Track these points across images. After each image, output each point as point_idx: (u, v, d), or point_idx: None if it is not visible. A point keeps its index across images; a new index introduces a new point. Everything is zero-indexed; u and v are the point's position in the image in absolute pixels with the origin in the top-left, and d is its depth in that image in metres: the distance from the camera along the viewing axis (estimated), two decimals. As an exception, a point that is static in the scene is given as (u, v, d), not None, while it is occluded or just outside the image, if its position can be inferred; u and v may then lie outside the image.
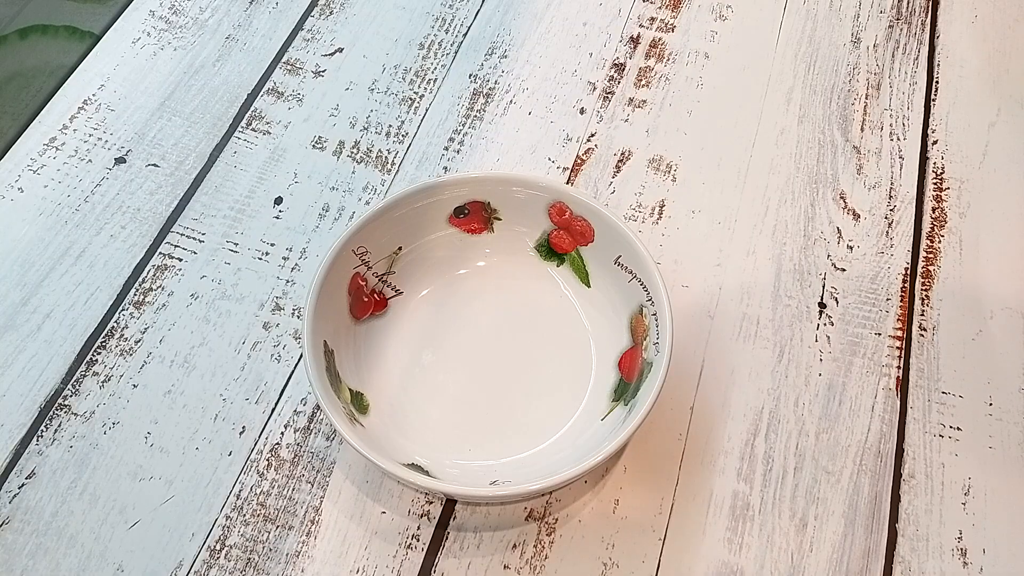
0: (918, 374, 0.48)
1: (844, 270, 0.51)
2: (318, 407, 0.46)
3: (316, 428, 0.46)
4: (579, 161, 0.55)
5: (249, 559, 0.43)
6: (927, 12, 0.62)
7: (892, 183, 0.54)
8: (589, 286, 0.48)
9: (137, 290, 0.50)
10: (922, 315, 0.50)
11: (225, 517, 0.44)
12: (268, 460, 0.45)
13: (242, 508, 0.44)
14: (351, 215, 0.53)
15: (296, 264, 0.51)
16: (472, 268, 0.49)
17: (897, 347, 0.49)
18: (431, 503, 0.44)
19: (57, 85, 0.58)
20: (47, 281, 0.50)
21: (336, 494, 0.44)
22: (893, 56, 0.60)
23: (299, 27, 0.61)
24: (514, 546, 0.43)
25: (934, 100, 0.58)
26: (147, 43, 0.60)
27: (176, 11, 0.61)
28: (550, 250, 0.49)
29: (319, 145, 0.56)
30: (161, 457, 0.45)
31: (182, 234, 0.52)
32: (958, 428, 0.46)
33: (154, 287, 0.50)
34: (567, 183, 0.54)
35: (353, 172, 0.55)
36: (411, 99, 0.58)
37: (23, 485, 0.44)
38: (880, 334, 0.49)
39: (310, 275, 0.51)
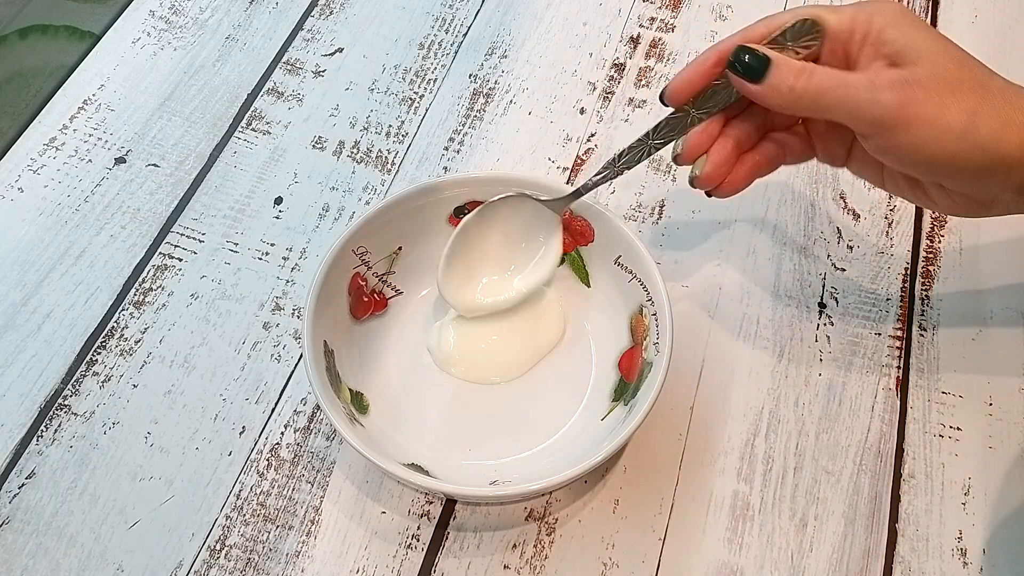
0: (918, 374, 0.48)
1: (844, 270, 0.51)
2: (318, 407, 0.46)
3: (316, 428, 0.46)
4: (579, 161, 0.55)
5: (249, 559, 0.43)
6: (927, 12, 0.62)
7: (892, 183, 0.54)
8: (589, 286, 0.48)
9: (137, 290, 0.50)
10: (922, 315, 0.50)
11: (225, 517, 0.44)
12: (268, 460, 0.45)
13: (242, 508, 0.44)
14: (351, 215, 0.53)
15: (296, 264, 0.51)
16: (472, 268, 0.49)
17: (897, 347, 0.49)
18: (431, 503, 0.44)
19: (57, 85, 0.58)
20: (47, 281, 0.50)
21: (336, 494, 0.44)
22: (893, 56, 0.60)
23: (299, 27, 0.61)
24: (514, 546, 0.43)
25: (934, 100, 0.58)
26: (147, 43, 0.60)
27: (176, 11, 0.61)
28: (550, 250, 0.49)
29: (319, 145, 0.56)
30: (161, 457, 0.45)
31: (182, 234, 0.52)
32: (958, 428, 0.46)
33: (154, 287, 0.50)
34: (567, 183, 0.54)
35: (353, 172, 0.55)
36: (411, 99, 0.58)
37: (23, 485, 0.44)
38: (880, 334, 0.49)
39: (310, 275, 0.50)
